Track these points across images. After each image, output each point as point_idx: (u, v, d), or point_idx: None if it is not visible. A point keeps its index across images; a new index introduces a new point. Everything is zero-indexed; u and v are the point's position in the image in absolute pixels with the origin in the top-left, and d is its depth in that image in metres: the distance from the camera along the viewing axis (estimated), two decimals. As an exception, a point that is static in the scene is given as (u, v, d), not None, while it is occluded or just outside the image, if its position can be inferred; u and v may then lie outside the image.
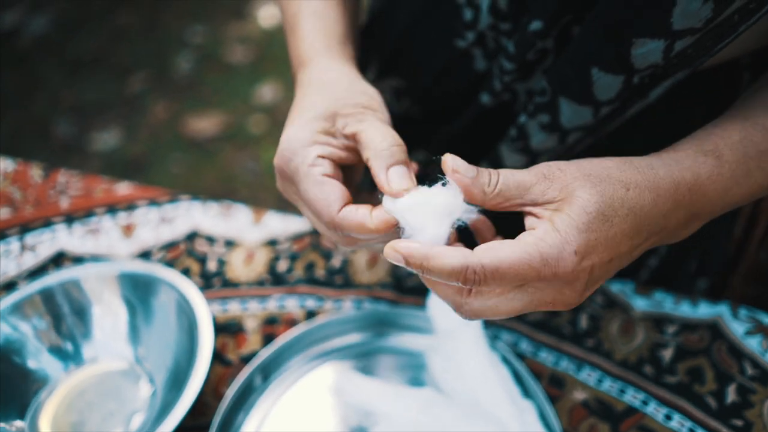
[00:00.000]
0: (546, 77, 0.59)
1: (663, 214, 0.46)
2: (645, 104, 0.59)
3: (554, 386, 0.66)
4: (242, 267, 0.80)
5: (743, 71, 0.61)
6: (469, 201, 0.46)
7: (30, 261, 0.81)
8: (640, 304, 0.72)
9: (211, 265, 0.80)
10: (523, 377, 0.64)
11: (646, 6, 0.49)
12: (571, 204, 0.43)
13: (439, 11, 0.67)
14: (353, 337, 0.71)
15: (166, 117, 2.54)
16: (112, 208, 0.87)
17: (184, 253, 0.82)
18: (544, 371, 0.68)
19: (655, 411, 0.63)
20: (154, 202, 0.87)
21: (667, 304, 0.72)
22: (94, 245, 0.83)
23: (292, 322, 0.74)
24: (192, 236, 0.83)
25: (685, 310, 0.71)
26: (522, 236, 0.43)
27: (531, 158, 0.66)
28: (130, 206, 0.87)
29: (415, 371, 0.68)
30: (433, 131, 0.75)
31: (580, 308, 0.72)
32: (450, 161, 0.45)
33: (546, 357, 0.69)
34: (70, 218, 0.86)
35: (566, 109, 0.59)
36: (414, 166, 0.52)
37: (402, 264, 0.44)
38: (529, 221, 0.45)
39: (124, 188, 0.89)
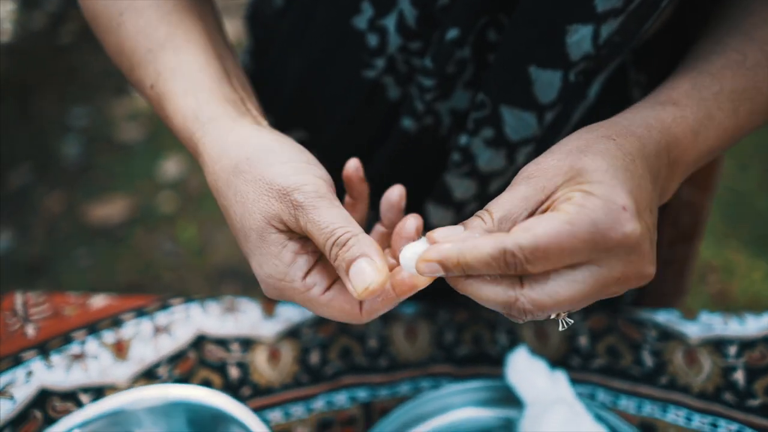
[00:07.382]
0: (483, 87, 0.56)
1: (655, 153, 0.45)
2: (586, 105, 0.59)
3: (645, 433, 0.63)
4: (269, 368, 0.71)
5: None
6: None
7: (7, 407, 0.66)
8: (694, 330, 0.72)
9: (233, 372, 0.70)
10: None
11: None
12: (584, 173, 0.40)
13: (344, 48, 0.62)
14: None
15: (61, 209, 2.32)
16: (92, 328, 0.74)
17: (195, 363, 0.71)
18: (632, 420, 0.64)
19: (751, 438, 0.62)
20: (142, 313, 0.76)
21: (716, 325, 0.72)
22: (83, 376, 0.70)
23: (350, 421, 0.65)
24: (198, 343, 0.73)
25: (735, 328, 0.71)
26: (561, 206, 0.39)
27: (481, 182, 0.63)
28: (114, 321, 0.75)
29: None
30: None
31: (639, 346, 0.71)
32: (435, 235, 0.42)
33: (627, 404, 0.66)
34: (43, 348, 0.72)
35: (509, 117, 0.57)
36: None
37: (439, 273, 0.40)
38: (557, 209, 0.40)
39: (100, 301, 0.77)
